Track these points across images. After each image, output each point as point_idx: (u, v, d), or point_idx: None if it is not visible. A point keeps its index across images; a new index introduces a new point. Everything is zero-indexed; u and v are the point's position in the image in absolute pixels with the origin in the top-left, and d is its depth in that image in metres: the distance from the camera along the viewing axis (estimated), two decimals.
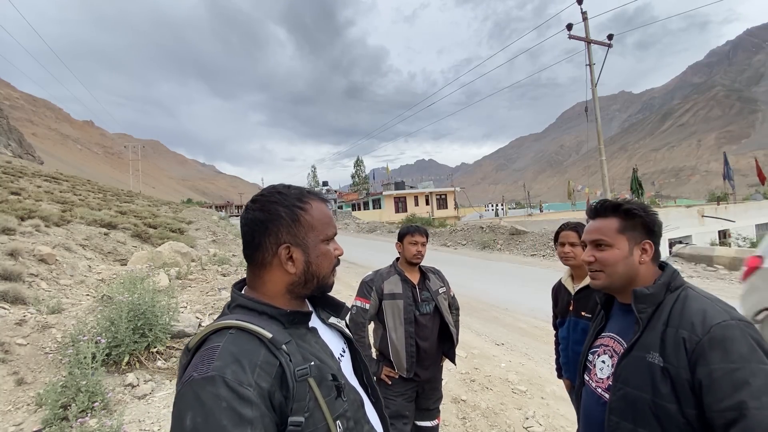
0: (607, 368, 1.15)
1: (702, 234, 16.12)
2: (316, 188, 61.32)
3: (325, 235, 0.92)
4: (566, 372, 2.23)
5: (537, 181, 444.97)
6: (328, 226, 0.93)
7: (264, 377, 0.74)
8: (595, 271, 1.18)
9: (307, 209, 0.91)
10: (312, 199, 0.93)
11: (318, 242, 0.91)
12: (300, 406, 0.76)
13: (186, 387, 0.72)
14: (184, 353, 0.82)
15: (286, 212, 0.89)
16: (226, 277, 7.52)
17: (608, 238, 1.15)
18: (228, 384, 0.70)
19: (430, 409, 2.40)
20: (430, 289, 2.37)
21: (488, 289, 8.44)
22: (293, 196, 0.91)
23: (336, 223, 0.99)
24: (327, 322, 1.00)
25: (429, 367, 2.32)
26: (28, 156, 51.73)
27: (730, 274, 8.68)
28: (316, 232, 0.91)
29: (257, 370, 0.74)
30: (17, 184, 15.83)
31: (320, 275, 0.92)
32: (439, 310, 2.34)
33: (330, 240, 0.94)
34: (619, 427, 1.04)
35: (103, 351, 3.13)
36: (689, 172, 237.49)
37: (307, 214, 0.90)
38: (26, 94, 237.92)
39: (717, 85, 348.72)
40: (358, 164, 68.39)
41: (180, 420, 0.69)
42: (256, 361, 0.75)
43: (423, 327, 2.29)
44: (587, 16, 13.91)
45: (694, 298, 1.04)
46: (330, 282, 0.96)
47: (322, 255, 0.92)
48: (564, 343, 2.19)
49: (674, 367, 0.96)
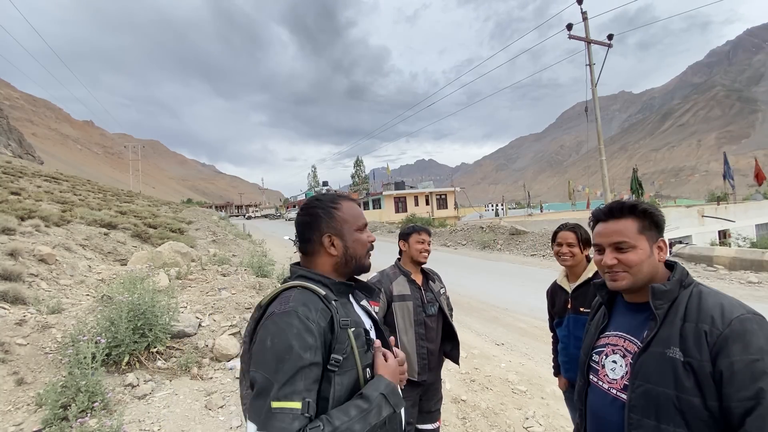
0: (620, 368, 1.14)
1: (702, 234, 16.10)
2: (316, 188, 61.46)
3: (357, 225, 1.17)
4: (566, 371, 2.22)
5: (537, 181, 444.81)
6: (359, 218, 1.18)
7: (322, 319, 0.98)
8: (616, 272, 1.15)
9: (339, 207, 1.16)
10: (343, 200, 1.19)
11: (352, 231, 1.15)
12: (341, 347, 0.98)
13: (268, 319, 0.97)
14: (257, 309, 1.06)
15: (323, 211, 1.14)
16: (226, 277, 7.51)
17: (631, 239, 1.14)
18: (299, 317, 0.94)
19: (431, 411, 2.36)
20: (433, 290, 2.35)
21: (488, 289, 8.44)
22: (327, 199, 1.17)
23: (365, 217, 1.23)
24: (360, 303, 1.20)
25: (433, 369, 2.30)
26: (28, 156, 51.72)
27: (730, 274, 8.68)
28: (350, 224, 1.15)
29: (319, 312, 0.98)
30: (17, 184, 15.83)
31: (357, 256, 1.16)
32: (443, 311, 2.32)
33: (362, 229, 1.17)
34: (642, 424, 1.03)
35: (103, 351, 3.12)
36: (689, 172, 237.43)
37: (340, 210, 1.15)
38: (26, 94, 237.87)
39: (717, 85, 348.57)
40: (358, 164, 68.38)
41: (262, 343, 0.94)
42: (317, 306, 1.00)
43: (429, 329, 2.26)
44: (587, 16, 13.91)
45: (708, 293, 1.06)
46: (366, 263, 1.18)
47: (356, 240, 1.16)
48: (565, 341, 2.19)
49: (697, 361, 0.97)
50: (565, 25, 13.62)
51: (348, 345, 0.99)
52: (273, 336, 0.93)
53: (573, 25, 13.58)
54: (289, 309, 0.95)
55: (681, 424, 0.98)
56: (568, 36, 13.82)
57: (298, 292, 1.02)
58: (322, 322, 0.97)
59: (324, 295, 1.02)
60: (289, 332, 0.92)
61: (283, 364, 0.89)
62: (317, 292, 1.02)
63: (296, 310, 0.95)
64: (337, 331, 0.98)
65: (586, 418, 1.27)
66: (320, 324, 0.96)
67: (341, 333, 0.99)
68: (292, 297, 1.00)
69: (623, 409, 1.08)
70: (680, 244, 11.62)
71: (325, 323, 0.97)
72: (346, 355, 0.98)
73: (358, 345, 1.01)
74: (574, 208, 29.93)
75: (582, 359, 1.30)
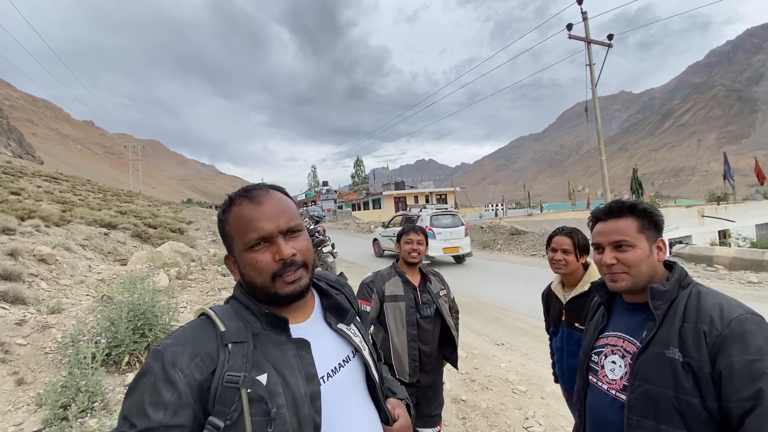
0: (620, 368, 1.14)
1: (702, 234, 16.10)
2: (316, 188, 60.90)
3: (244, 242, 0.83)
4: (564, 384, 2.11)
5: (537, 181, 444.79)
6: (244, 232, 0.82)
7: (201, 369, 0.73)
8: (616, 273, 1.15)
9: (227, 218, 0.86)
10: (235, 204, 0.85)
11: (241, 251, 0.84)
12: (221, 410, 0.72)
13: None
14: None
15: (219, 224, 0.88)
16: (226, 277, 7.52)
17: (631, 238, 1.14)
18: (164, 362, 0.72)
19: (431, 415, 2.33)
20: (431, 291, 2.32)
21: (488, 289, 8.43)
22: (226, 202, 0.87)
23: (299, 220, 0.89)
24: (334, 327, 0.94)
25: (430, 371, 2.27)
26: (28, 156, 51.72)
27: (730, 274, 8.68)
28: (236, 241, 0.85)
29: (197, 359, 0.73)
30: (17, 184, 15.83)
31: (256, 285, 0.83)
32: (440, 313, 2.28)
33: (253, 247, 0.82)
34: (641, 425, 1.03)
35: (103, 351, 3.12)
36: (689, 172, 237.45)
37: (227, 224, 0.86)
38: (26, 94, 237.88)
39: (717, 85, 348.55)
40: (358, 164, 68.39)
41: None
42: (199, 350, 0.74)
43: (425, 330, 2.23)
44: (587, 16, 13.92)
45: (707, 293, 1.06)
46: (280, 291, 0.83)
47: (247, 265, 0.84)
48: (559, 354, 2.08)
49: (696, 361, 0.97)
50: (565, 25, 13.63)
51: (236, 410, 0.72)
52: (135, 377, 0.74)
53: (573, 25, 13.59)
54: (159, 347, 0.74)
55: (680, 425, 0.98)
56: (568, 36, 13.83)
57: (195, 324, 0.80)
58: (198, 374, 0.72)
59: (222, 333, 0.76)
60: (146, 381, 0.71)
61: (130, 418, 0.69)
62: (217, 329, 0.77)
63: (164, 352, 0.73)
64: (216, 388, 0.72)
65: (586, 419, 1.26)
66: (194, 376, 0.72)
67: (223, 391, 0.72)
68: (179, 330, 0.79)
69: (622, 410, 1.08)
70: (680, 244, 11.62)
71: (204, 375, 0.73)
72: (231, 421, 0.71)
73: (253, 412, 0.73)
74: (574, 208, 29.91)
75: (581, 360, 1.30)
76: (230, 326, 0.78)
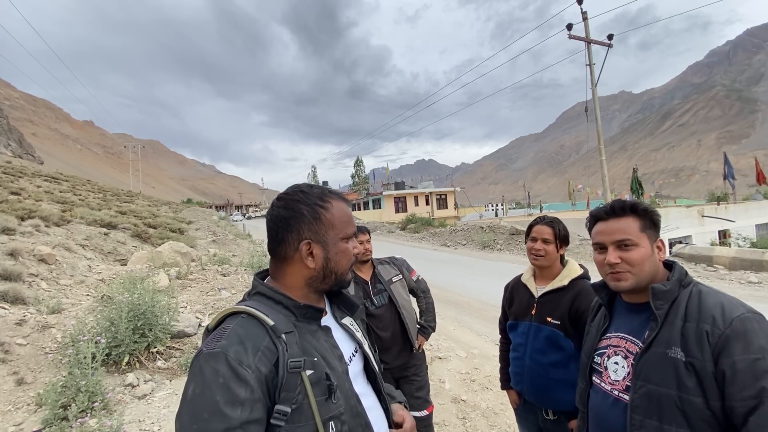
0: (622, 369, 1.14)
1: (702, 234, 16.11)
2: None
3: (345, 233, 0.95)
4: (517, 383, 1.92)
5: (537, 181, 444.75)
6: (347, 225, 0.96)
7: (264, 362, 0.77)
8: (619, 272, 1.14)
9: (328, 208, 0.93)
10: (333, 199, 0.95)
11: (337, 240, 0.94)
12: (287, 396, 0.77)
13: (194, 360, 0.77)
14: (204, 334, 0.88)
15: (308, 210, 0.92)
16: (226, 277, 7.51)
17: (634, 237, 1.14)
18: (229, 362, 0.74)
19: (414, 396, 2.40)
20: (382, 280, 2.44)
21: (488, 289, 8.43)
22: (315, 195, 0.94)
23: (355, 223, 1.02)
24: (340, 322, 1.01)
25: (398, 354, 2.40)
26: (28, 156, 51.72)
27: (730, 274, 8.67)
28: (336, 230, 0.94)
29: (259, 354, 0.77)
30: (17, 184, 15.83)
31: (338, 272, 0.95)
32: (392, 299, 2.42)
33: (349, 238, 0.97)
34: (644, 425, 1.04)
35: (103, 351, 3.13)
36: (689, 172, 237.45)
37: (328, 212, 0.93)
38: (26, 94, 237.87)
39: (717, 85, 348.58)
40: (358, 164, 68.40)
41: (185, 389, 0.75)
42: (259, 345, 0.78)
43: (380, 318, 2.36)
44: (587, 16, 13.92)
45: (708, 293, 1.06)
46: (348, 279, 0.98)
47: (341, 252, 0.94)
48: (520, 351, 1.89)
49: (699, 361, 0.97)
50: (566, 26, 13.63)
51: (300, 393, 0.78)
52: (195, 385, 0.73)
53: (573, 25, 13.58)
54: (217, 350, 0.75)
55: (683, 425, 0.98)
56: (569, 36, 13.83)
57: (240, 323, 0.81)
58: (263, 367, 0.76)
59: (272, 327, 0.80)
60: (214, 383, 0.72)
61: (203, 426, 0.69)
62: (265, 323, 0.81)
63: (226, 352, 0.74)
64: (282, 376, 0.77)
65: (588, 420, 1.26)
66: (260, 370, 0.75)
67: (290, 378, 0.77)
68: (228, 331, 0.79)
69: (625, 411, 1.08)
70: (680, 244, 11.62)
71: (268, 368, 0.77)
72: (297, 405, 0.77)
73: (316, 392, 0.80)
74: (574, 208, 29.92)
75: (584, 361, 1.30)
76: (276, 319, 0.83)
